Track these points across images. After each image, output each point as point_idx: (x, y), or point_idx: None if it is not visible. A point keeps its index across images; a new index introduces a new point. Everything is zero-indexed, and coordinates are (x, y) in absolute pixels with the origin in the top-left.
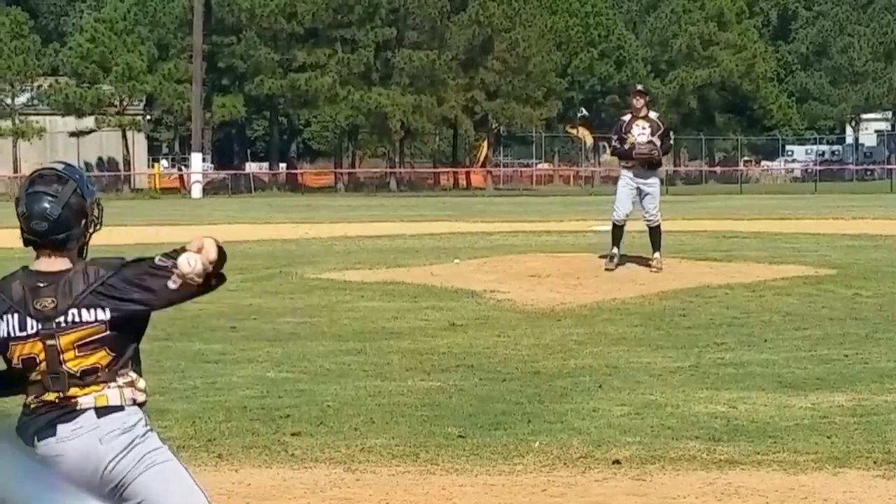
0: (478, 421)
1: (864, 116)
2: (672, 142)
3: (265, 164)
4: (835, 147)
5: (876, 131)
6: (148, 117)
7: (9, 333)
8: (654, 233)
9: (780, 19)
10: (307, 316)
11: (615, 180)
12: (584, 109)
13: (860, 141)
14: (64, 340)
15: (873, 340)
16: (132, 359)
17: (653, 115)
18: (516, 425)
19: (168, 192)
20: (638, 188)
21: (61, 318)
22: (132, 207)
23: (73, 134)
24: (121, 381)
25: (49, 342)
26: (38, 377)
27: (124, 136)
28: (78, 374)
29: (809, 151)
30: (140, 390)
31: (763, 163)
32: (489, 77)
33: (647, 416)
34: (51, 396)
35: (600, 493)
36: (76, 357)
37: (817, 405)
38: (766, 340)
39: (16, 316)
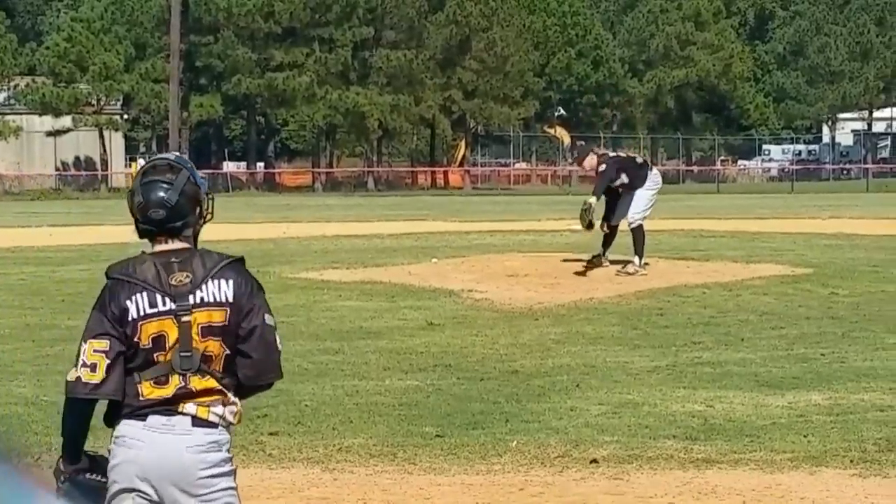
0: (455, 420)
1: (841, 116)
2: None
3: (243, 164)
4: (811, 147)
5: (852, 131)
6: (125, 116)
7: (138, 313)
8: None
9: (756, 19)
10: (285, 315)
11: (592, 180)
12: (561, 109)
13: (836, 140)
14: (196, 318)
15: (850, 339)
16: (233, 377)
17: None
18: (494, 425)
19: None
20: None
21: (193, 296)
22: (109, 207)
23: (50, 133)
24: (223, 398)
25: (184, 318)
26: (167, 357)
27: (101, 136)
28: (203, 359)
29: (786, 151)
30: (234, 413)
31: (740, 162)
32: (467, 76)
33: (625, 415)
34: (174, 382)
35: (578, 492)
36: (203, 340)
37: (794, 404)
38: (742, 340)
39: (145, 295)
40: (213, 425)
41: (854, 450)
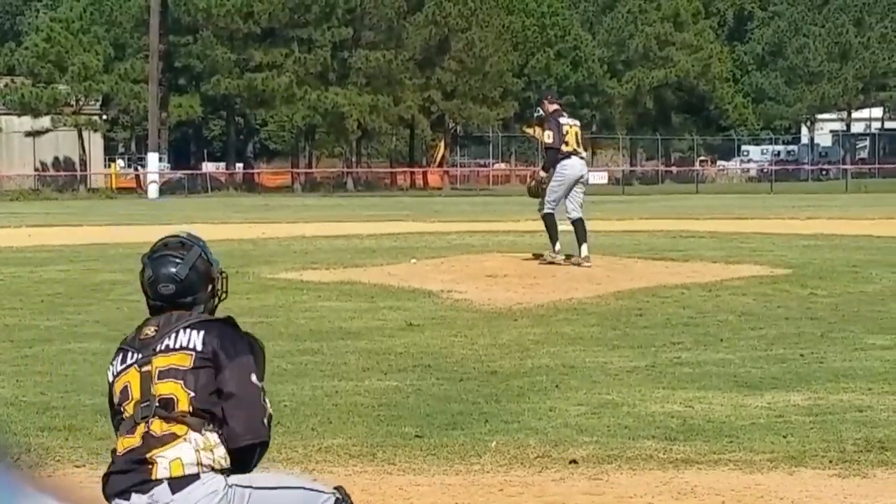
0: (435, 421)
1: (820, 116)
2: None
3: (222, 164)
4: (790, 147)
5: (831, 131)
6: (104, 117)
7: (113, 373)
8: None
9: (735, 20)
10: (264, 316)
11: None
12: (540, 110)
13: (815, 141)
14: (156, 363)
15: (829, 340)
16: (213, 418)
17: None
18: (473, 425)
19: (124, 192)
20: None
21: (158, 344)
22: (88, 207)
23: (28, 134)
24: (199, 439)
25: (144, 368)
26: (131, 408)
27: (80, 136)
28: (159, 404)
29: (765, 151)
30: (213, 457)
31: (719, 163)
32: (446, 77)
33: (604, 415)
34: (139, 430)
35: (557, 492)
36: (159, 382)
37: (773, 404)
38: (722, 340)
39: (120, 355)
40: (194, 477)
41: (833, 450)
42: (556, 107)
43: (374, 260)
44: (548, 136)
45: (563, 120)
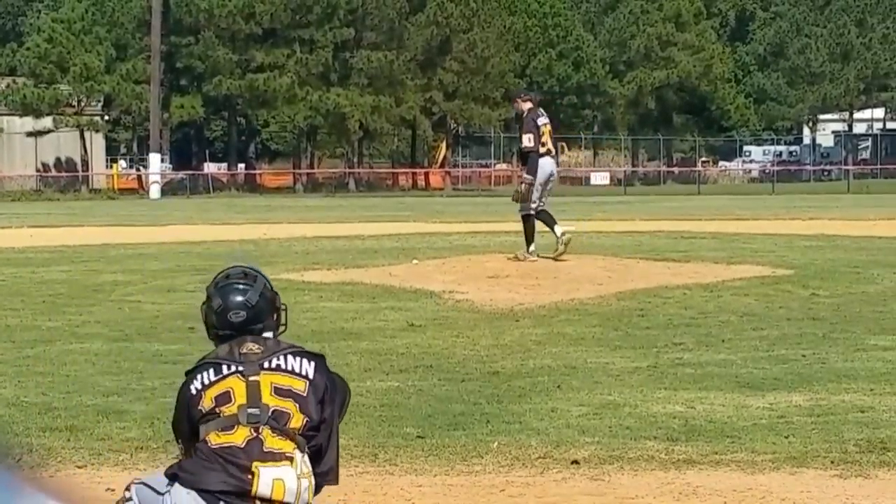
0: (436, 421)
1: (821, 117)
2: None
3: (223, 165)
4: (792, 148)
5: (833, 132)
6: (106, 117)
7: (202, 383)
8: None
9: (737, 20)
10: None
11: (573, 181)
12: (542, 110)
13: (817, 142)
14: (269, 378)
15: (830, 340)
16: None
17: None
18: (475, 426)
19: (126, 193)
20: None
21: (265, 362)
22: (90, 208)
23: (30, 134)
24: (301, 464)
25: (252, 378)
26: (231, 409)
27: (82, 137)
28: (272, 415)
29: (767, 152)
30: (307, 488)
31: (721, 163)
32: (447, 78)
33: (606, 416)
34: (241, 433)
35: (558, 493)
36: (275, 396)
37: (775, 405)
38: (723, 341)
39: (212, 369)
40: None
41: (835, 450)
42: (529, 105)
43: (376, 260)
44: (528, 140)
45: (540, 120)
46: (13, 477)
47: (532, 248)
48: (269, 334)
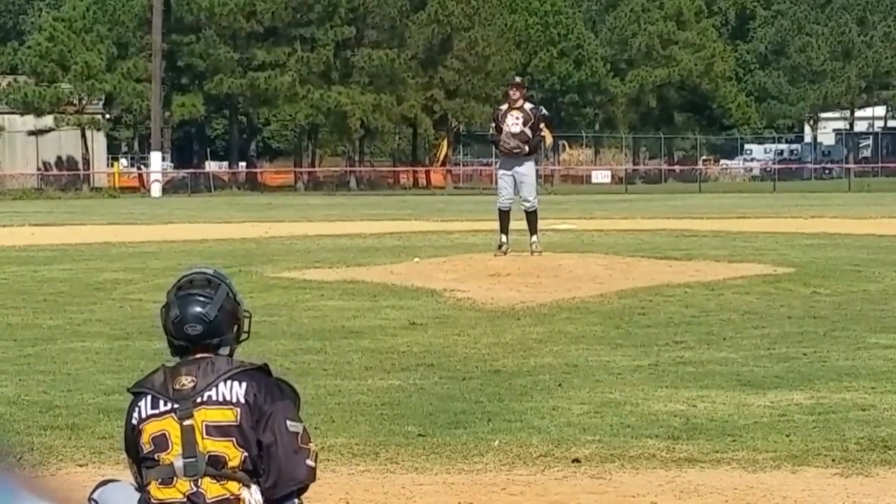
0: (438, 420)
1: (823, 115)
2: (544, 134)
3: (225, 163)
4: (793, 146)
5: (834, 130)
6: (107, 116)
7: (139, 417)
8: (531, 217)
9: (738, 19)
10: (267, 315)
11: (574, 179)
12: (543, 108)
13: (818, 140)
14: (200, 417)
15: (831, 339)
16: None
17: (527, 106)
18: (476, 424)
19: (127, 191)
20: (513, 175)
21: (198, 397)
22: (91, 207)
23: (31, 133)
24: (250, 499)
25: (186, 422)
26: (168, 458)
27: (83, 135)
28: (209, 461)
29: (768, 150)
30: None
31: (722, 162)
32: (448, 76)
33: (607, 414)
34: (180, 486)
35: (560, 491)
36: (207, 439)
37: (776, 403)
38: (725, 339)
39: (149, 399)
40: None
41: (836, 449)
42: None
43: (377, 259)
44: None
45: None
46: (12, 478)
47: (504, 238)
48: (225, 350)
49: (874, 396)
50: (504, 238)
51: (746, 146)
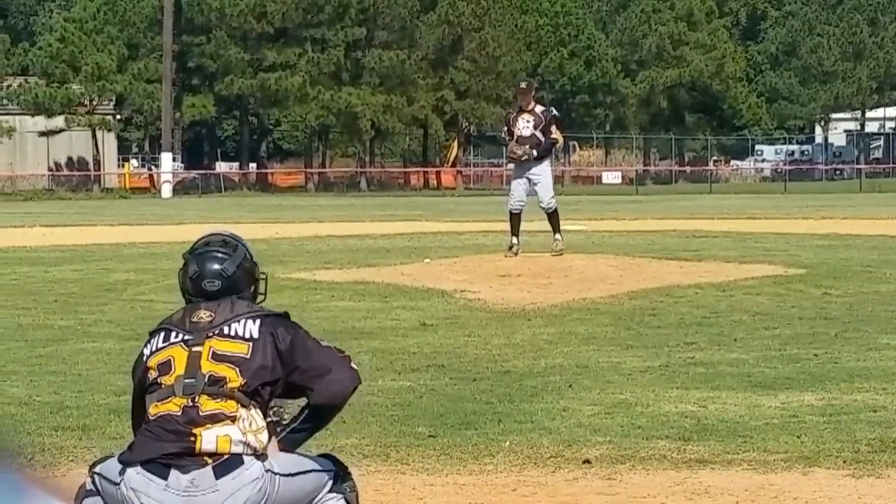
0: (448, 421)
1: (834, 116)
2: (556, 135)
3: (235, 164)
4: (804, 147)
5: (845, 131)
6: (118, 117)
7: (150, 350)
8: (552, 217)
9: (749, 19)
10: None
11: (585, 180)
12: (553, 109)
13: (829, 141)
14: (210, 345)
15: (843, 340)
16: (261, 402)
17: (538, 108)
18: (487, 425)
19: (138, 192)
20: (527, 178)
21: (213, 330)
22: (102, 207)
23: (42, 133)
24: (247, 420)
25: (195, 348)
26: (170, 380)
27: (94, 136)
28: (208, 381)
29: (779, 151)
30: (258, 440)
31: (733, 162)
32: (459, 77)
33: (618, 415)
34: (177, 402)
35: (570, 492)
36: (212, 362)
37: (787, 404)
38: (735, 340)
39: (162, 334)
40: (237, 462)
41: (847, 450)
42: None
43: (388, 260)
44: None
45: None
46: (22, 478)
47: (514, 240)
48: None
49: (885, 397)
50: (515, 240)
51: (757, 147)
